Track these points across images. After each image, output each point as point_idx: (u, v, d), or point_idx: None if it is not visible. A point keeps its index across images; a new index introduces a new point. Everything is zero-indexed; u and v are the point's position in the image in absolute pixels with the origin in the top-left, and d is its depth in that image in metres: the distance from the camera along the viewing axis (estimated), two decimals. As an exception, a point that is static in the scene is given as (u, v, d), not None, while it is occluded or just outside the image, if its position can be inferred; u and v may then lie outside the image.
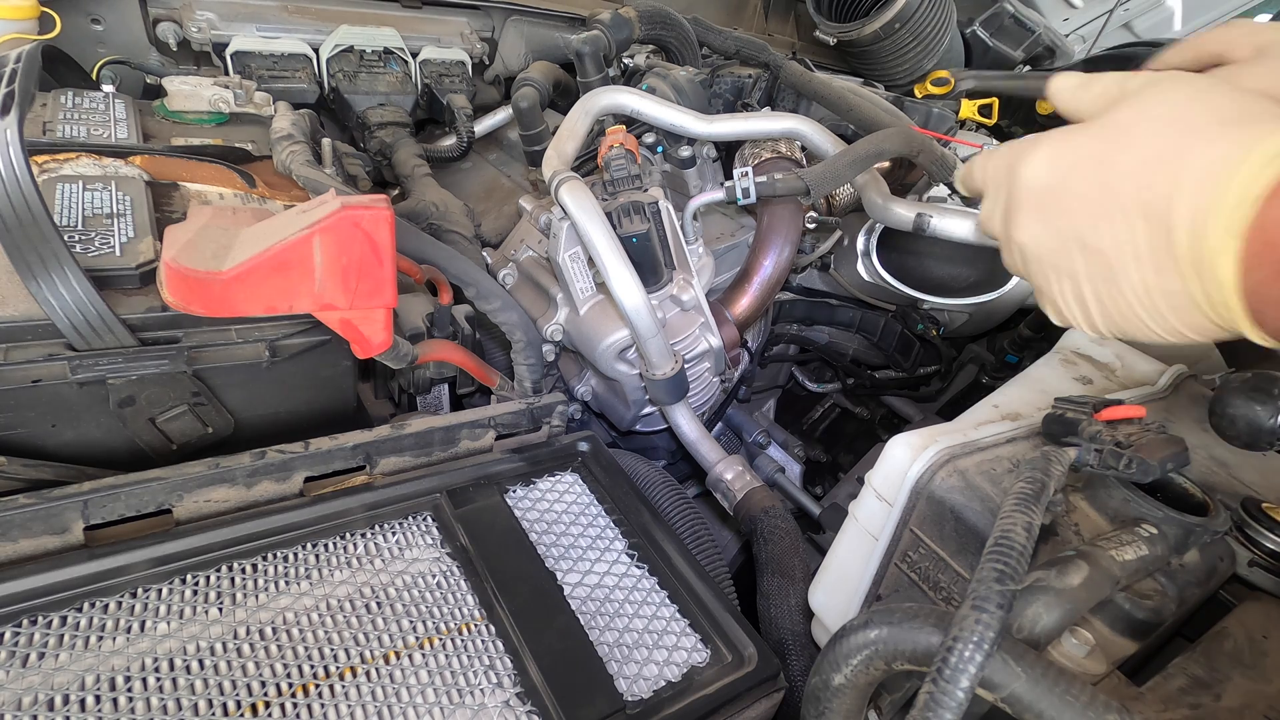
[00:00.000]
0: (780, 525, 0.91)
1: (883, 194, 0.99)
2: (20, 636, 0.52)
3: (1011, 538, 0.44)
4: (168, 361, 0.68)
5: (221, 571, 0.61)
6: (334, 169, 1.08)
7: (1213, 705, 0.49)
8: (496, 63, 1.68)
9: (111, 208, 0.76)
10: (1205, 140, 0.43)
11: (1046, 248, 0.51)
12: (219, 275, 0.62)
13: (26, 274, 0.60)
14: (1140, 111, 0.48)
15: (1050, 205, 0.50)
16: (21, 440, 0.67)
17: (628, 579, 0.70)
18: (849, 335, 1.43)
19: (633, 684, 0.59)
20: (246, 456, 0.67)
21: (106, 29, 1.33)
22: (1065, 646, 0.50)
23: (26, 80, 0.63)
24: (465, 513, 0.71)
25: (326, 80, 1.43)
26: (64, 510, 0.59)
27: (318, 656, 0.55)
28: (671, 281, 1.00)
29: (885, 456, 0.66)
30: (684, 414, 1.03)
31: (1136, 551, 0.52)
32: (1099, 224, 0.47)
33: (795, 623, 0.81)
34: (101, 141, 0.93)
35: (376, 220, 0.63)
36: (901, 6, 1.61)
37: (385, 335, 0.69)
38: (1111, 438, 0.57)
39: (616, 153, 0.96)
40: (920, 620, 0.45)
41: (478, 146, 1.53)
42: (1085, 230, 0.48)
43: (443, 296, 1.00)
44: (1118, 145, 0.47)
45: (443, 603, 0.62)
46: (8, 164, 0.57)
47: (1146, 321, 0.48)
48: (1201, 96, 0.46)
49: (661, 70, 1.23)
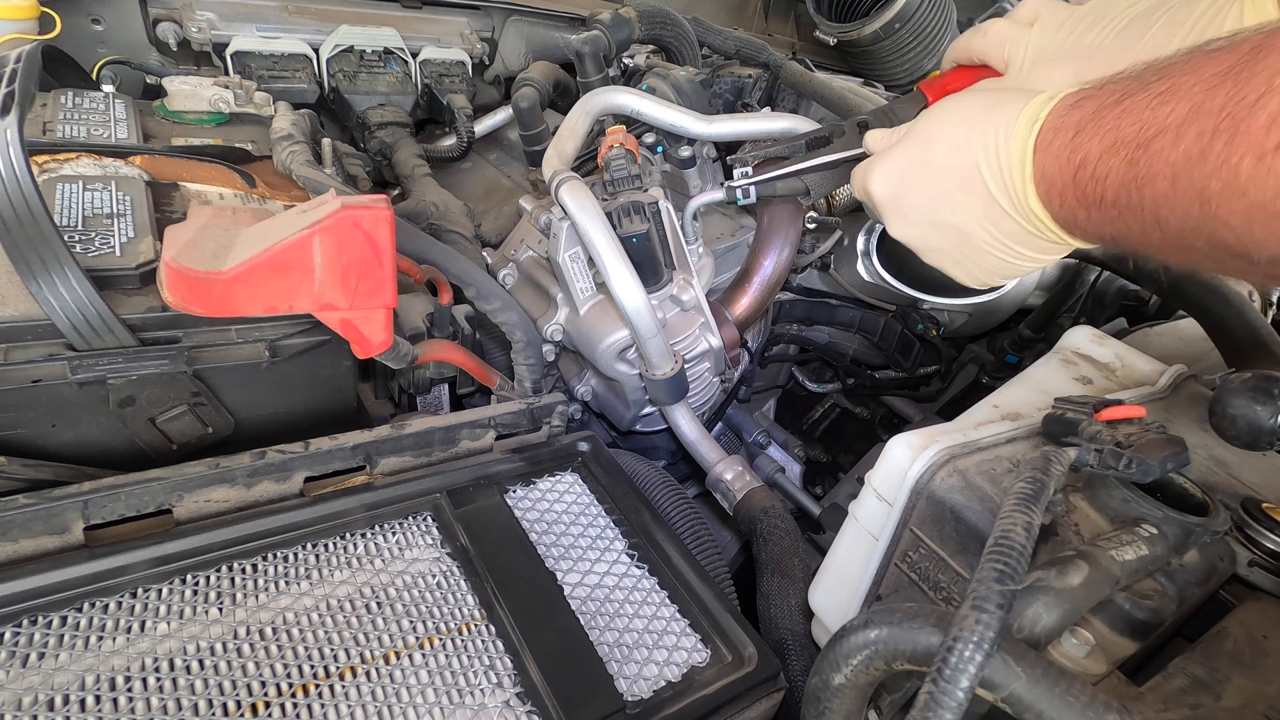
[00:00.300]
0: (780, 525, 0.91)
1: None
2: (20, 636, 0.52)
3: (1011, 538, 0.44)
4: (168, 361, 0.68)
5: (221, 571, 0.61)
6: (334, 169, 1.08)
7: (1213, 705, 0.49)
8: (496, 63, 1.68)
9: (111, 208, 0.76)
10: (983, 124, 0.57)
11: (915, 236, 0.66)
12: (219, 275, 0.62)
13: (26, 274, 0.60)
14: (930, 119, 0.63)
15: (900, 208, 0.66)
16: (21, 440, 0.67)
17: (628, 579, 0.70)
18: (849, 335, 1.43)
19: (633, 684, 0.60)
20: (246, 456, 0.67)
21: (106, 29, 1.33)
22: (1065, 646, 0.50)
23: (26, 80, 0.63)
24: (465, 513, 0.71)
25: (326, 80, 1.43)
26: (64, 510, 0.59)
27: (318, 656, 0.55)
28: (671, 281, 1.00)
29: (885, 456, 0.66)
30: (684, 414, 1.03)
31: (1136, 551, 0.52)
32: (939, 206, 0.62)
33: (795, 623, 0.81)
34: (101, 141, 0.93)
35: (376, 220, 0.63)
36: (901, 6, 1.62)
37: (385, 335, 0.69)
38: (1111, 438, 0.57)
39: (616, 153, 0.96)
40: (920, 620, 0.45)
41: (478, 146, 1.53)
42: (932, 215, 0.63)
43: (443, 296, 1.00)
44: (926, 147, 0.62)
45: (443, 603, 0.62)
46: (8, 164, 0.57)
47: (1005, 259, 0.62)
48: (969, 98, 0.61)
49: (661, 70, 1.23)
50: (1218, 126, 0.42)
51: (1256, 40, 0.42)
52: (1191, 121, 0.43)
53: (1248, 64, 0.41)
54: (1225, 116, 0.41)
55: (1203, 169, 0.43)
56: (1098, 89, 0.51)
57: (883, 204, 0.68)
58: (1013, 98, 0.57)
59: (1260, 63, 0.41)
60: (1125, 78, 0.50)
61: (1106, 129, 0.49)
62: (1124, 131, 0.47)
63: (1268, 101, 0.39)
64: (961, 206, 0.60)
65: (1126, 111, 0.47)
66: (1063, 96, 0.53)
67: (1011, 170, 0.55)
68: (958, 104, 0.61)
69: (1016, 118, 0.55)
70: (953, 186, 0.60)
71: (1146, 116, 0.46)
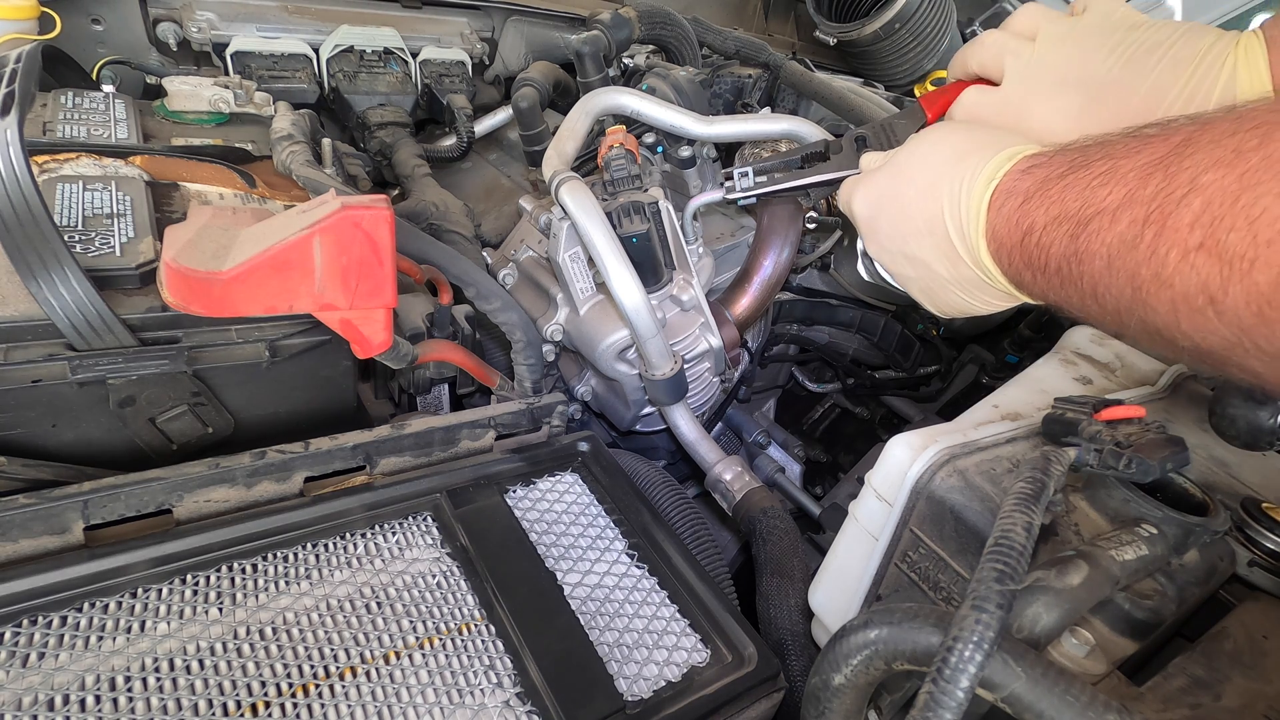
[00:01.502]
0: (779, 525, 0.91)
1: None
2: (20, 636, 0.52)
3: (1011, 538, 0.44)
4: (168, 361, 0.68)
5: (221, 571, 0.61)
6: (334, 169, 1.08)
7: (1212, 705, 0.49)
8: (496, 63, 1.68)
9: (111, 208, 0.76)
10: (949, 174, 0.60)
11: (888, 260, 0.70)
12: (219, 275, 0.62)
13: (26, 274, 0.60)
14: (909, 154, 0.66)
15: (876, 232, 0.69)
16: (21, 440, 0.67)
17: (628, 579, 0.70)
18: (849, 335, 1.43)
19: (633, 684, 0.60)
20: (246, 456, 0.67)
21: (106, 29, 1.33)
22: (1065, 646, 0.50)
23: (26, 80, 0.63)
24: (465, 513, 0.71)
25: (326, 80, 1.43)
26: (64, 510, 0.59)
27: (318, 656, 0.55)
28: (671, 281, 1.00)
29: (885, 456, 0.66)
30: (683, 414, 1.03)
31: (1136, 551, 0.52)
32: (909, 240, 0.65)
33: (795, 623, 0.81)
34: (101, 141, 0.93)
35: (376, 220, 0.63)
36: (901, 6, 1.61)
37: (385, 335, 0.69)
38: (1111, 438, 0.57)
39: (616, 153, 0.96)
40: (920, 620, 0.45)
41: (478, 146, 1.53)
42: (902, 246, 0.66)
43: (443, 296, 1.00)
44: (902, 183, 0.66)
45: (443, 603, 0.62)
46: (8, 164, 0.57)
47: (965, 299, 0.65)
48: (946, 138, 0.64)
49: (661, 70, 1.23)
50: (1148, 216, 0.44)
51: (1186, 133, 0.44)
52: (1126, 208, 0.45)
53: (1176, 157, 0.43)
54: (1155, 208, 0.43)
55: (1134, 255, 0.44)
56: (1049, 157, 0.54)
57: (862, 224, 0.72)
58: (981, 146, 0.60)
59: (1188, 157, 0.42)
60: (1074, 150, 0.52)
61: (1052, 200, 0.51)
62: (1067, 205, 0.50)
63: (1191, 200, 0.41)
64: (927, 246, 0.63)
65: (1070, 186, 0.50)
66: (1020, 158, 0.56)
67: (968, 224, 0.58)
68: (934, 144, 0.65)
69: (978, 172, 0.58)
70: (921, 226, 0.63)
71: (1087, 195, 0.48)
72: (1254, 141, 0.39)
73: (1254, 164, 0.38)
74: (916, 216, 0.64)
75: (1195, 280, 0.41)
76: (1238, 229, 0.38)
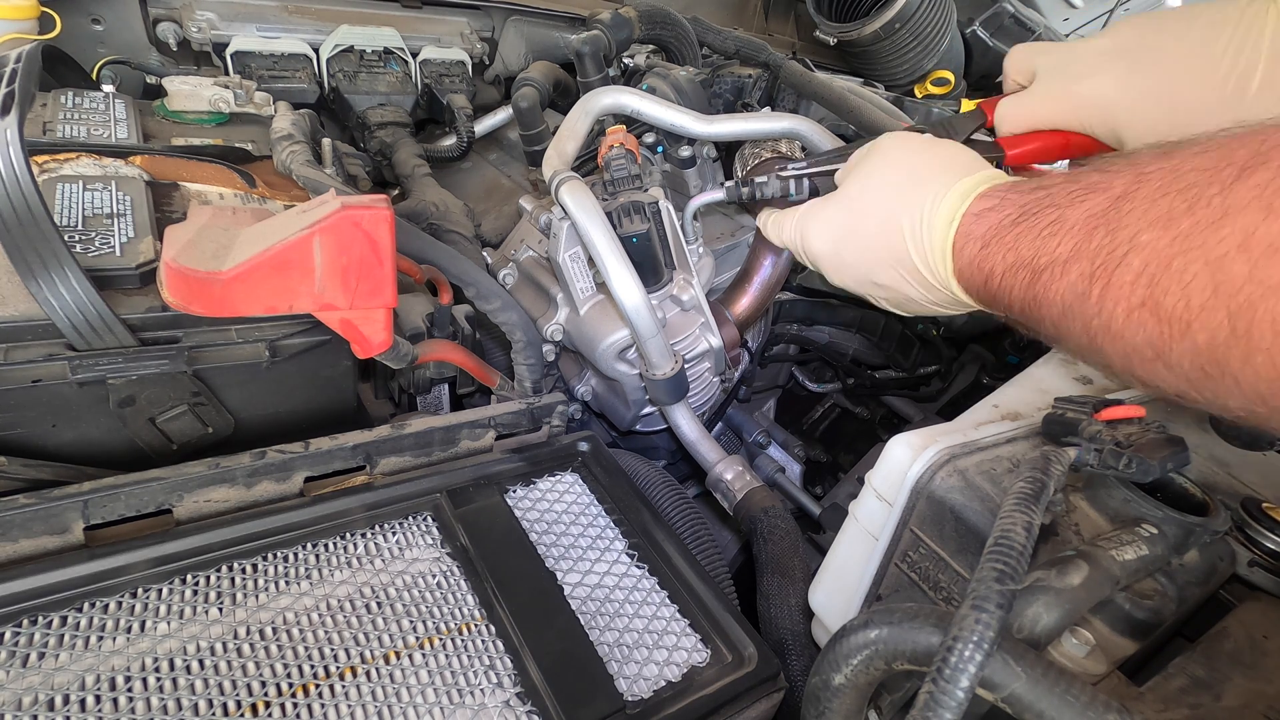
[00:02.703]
0: (780, 525, 0.91)
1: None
2: (20, 636, 0.52)
3: (1011, 537, 0.44)
4: (168, 361, 0.68)
5: (221, 571, 0.61)
6: (334, 169, 1.08)
7: (1212, 705, 0.49)
8: (496, 63, 1.68)
9: (111, 208, 0.76)
10: (905, 207, 0.61)
11: (855, 287, 0.71)
12: (219, 275, 0.62)
13: (26, 274, 0.60)
14: (859, 187, 0.67)
15: (840, 266, 0.70)
16: (21, 440, 0.67)
17: (628, 579, 0.70)
18: (849, 335, 1.43)
19: (633, 684, 0.60)
20: (246, 456, 0.67)
21: (106, 29, 1.33)
22: (1065, 646, 0.50)
23: (26, 80, 0.63)
24: (465, 513, 0.71)
25: (326, 80, 1.43)
26: (64, 510, 0.59)
27: (318, 656, 0.55)
28: (671, 281, 1.00)
29: (885, 456, 0.66)
30: (684, 414, 1.03)
31: (1136, 551, 0.52)
32: (876, 271, 0.66)
33: (795, 623, 0.81)
34: (101, 141, 0.93)
35: (376, 220, 0.63)
36: (901, 6, 1.61)
37: (385, 335, 0.69)
38: (1111, 437, 0.57)
39: (617, 153, 0.96)
40: (920, 620, 0.45)
41: (478, 146, 1.53)
42: (870, 275, 0.67)
43: (443, 296, 1.00)
44: (857, 216, 0.67)
45: (443, 603, 0.62)
46: (8, 164, 0.57)
47: (937, 312, 0.67)
48: (889, 167, 0.65)
49: (662, 70, 1.23)
50: (1094, 271, 0.45)
51: (1123, 187, 0.45)
52: (1074, 261, 0.47)
53: (1116, 213, 0.45)
54: (1100, 264, 0.45)
55: (1085, 307, 0.46)
56: (1001, 197, 0.55)
57: (824, 260, 0.72)
58: (929, 175, 0.61)
59: (1127, 214, 0.44)
60: (1021, 193, 0.53)
61: (1008, 247, 0.52)
62: (1021, 254, 0.51)
63: (1131, 259, 0.43)
64: (896, 276, 0.64)
65: (1023, 235, 0.51)
66: (974, 198, 0.57)
67: (935, 262, 0.59)
68: (881, 174, 0.66)
69: (936, 209, 0.58)
70: (886, 258, 0.64)
71: (1039, 245, 0.49)
72: (1183, 206, 0.41)
73: (1185, 228, 0.40)
74: (879, 249, 0.64)
75: (1142, 336, 0.42)
76: (1172, 292, 0.40)
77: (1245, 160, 0.40)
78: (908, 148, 0.67)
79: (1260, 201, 0.38)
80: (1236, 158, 0.40)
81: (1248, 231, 0.38)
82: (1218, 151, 0.41)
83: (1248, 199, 0.38)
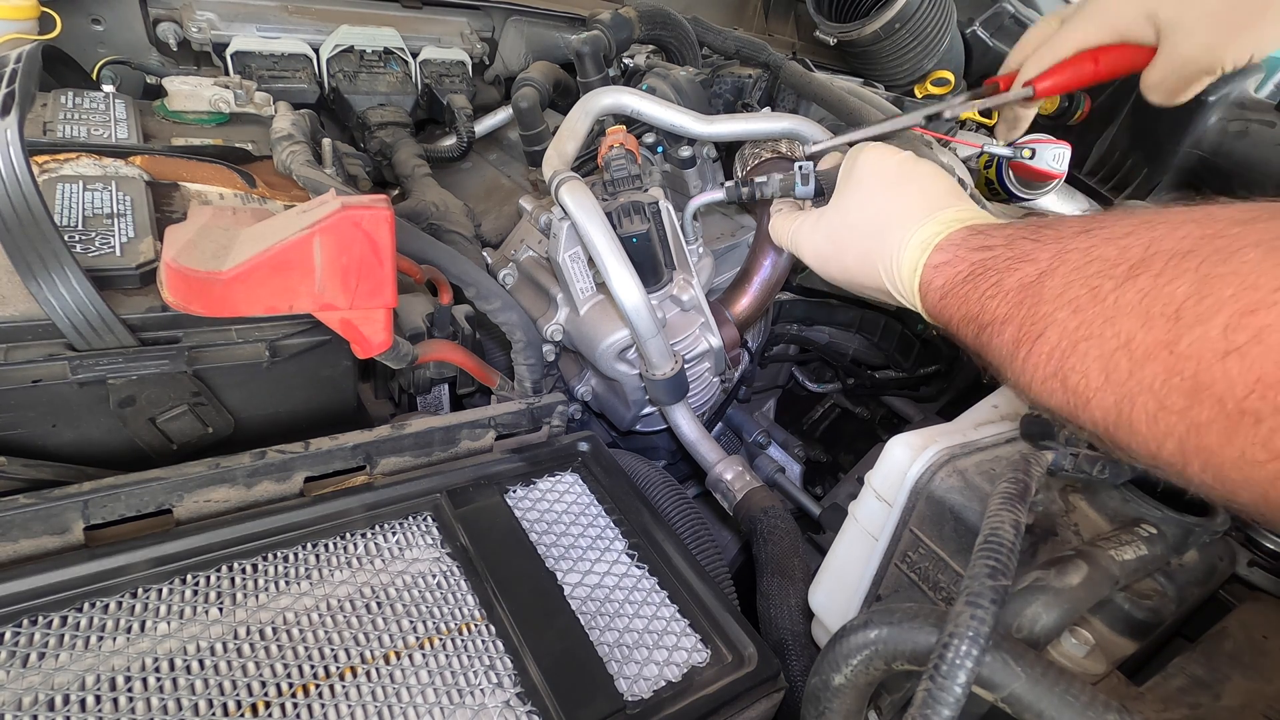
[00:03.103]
0: (780, 525, 0.91)
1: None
2: (20, 636, 0.52)
3: (1001, 535, 0.44)
4: (168, 361, 0.68)
5: (221, 571, 0.61)
6: (334, 169, 1.08)
7: (1212, 705, 0.49)
8: (496, 63, 1.68)
9: (112, 208, 0.76)
10: (879, 250, 0.66)
11: (844, 287, 0.75)
12: (219, 275, 0.62)
13: (27, 274, 0.60)
14: (841, 218, 0.72)
15: (828, 274, 0.75)
16: (21, 440, 0.67)
17: (628, 579, 0.70)
18: (849, 335, 1.43)
19: (633, 684, 0.60)
20: (246, 456, 0.67)
21: (107, 29, 1.33)
22: (1065, 646, 0.50)
23: (27, 80, 0.63)
24: (465, 513, 0.71)
25: (326, 80, 1.43)
26: (64, 510, 0.59)
27: (318, 656, 0.55)
28: (671, 281, 1.00)
29: (885, 457, 0.66)
30: (684, 414, 1.03)
31: (1136, 551, 0.52)
32: (864, 289, 0.71)
33: (795, 623, 0.81)
34: (102, 141, 0.93)
35: (377, 220, 0.63)
36: (901, 6, 1.61)
37: (385, 335, 0.69)
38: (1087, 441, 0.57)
39: (617, 153, 0.96)
40: (919, 620, 0.45)
41: (478, 146, 1.53)
42: (858, 288, 0.73)
43: (443, 296, 1.00)
44: (839, 247, 0.72)
45: (443, 603, 0.62)
46: (8, 164, 0.57)
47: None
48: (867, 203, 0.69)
49: (662, 70, 1.23)
50: (1020, 337, 0.50)
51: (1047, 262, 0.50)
52: (1006, 324, 0.52)
53: (1039, 287, 0.50)
54: (1025, 332, 0.50)
55: (1014, 366, 0.51)
56: (953, 254, 0.60)
57: (813, 265, 0.77)
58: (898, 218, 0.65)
59: (1046, 290, 0.49)
60: (971, 249, 0.58)
61: (960, 300, 0.57)
62: (969, 309, 0.56)
63: (1049, 334, 0.48)
64: (880, 294, 0.70)
65: (970, 294, 0.56)
66: (933, 250, 0.61)
67: (909, 298, 0.65)
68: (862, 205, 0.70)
69: (901, 254, 0.63)
70: (867, 283, 0.69)
71: (980, 305, 0.55)
72: (1087, 294, 0.46)
73: (1088, 317, 0.45)
74: (860, 275, 0.70)
75: (1055, 401, 0.48)
76: (1076, 371, 0.45)
77: (1137, 258, 0.44)
78: (882, 177, 0.70)
79: (1139, 309, 0.43)
80: (1131, 254, 0.45)
81: (1129, 335, 0.43)
82: (1121, 242, 0.46)
83: (1132, 304, 0.43)
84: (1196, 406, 0.40)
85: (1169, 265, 0.42)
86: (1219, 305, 0.39)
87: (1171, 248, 0.43)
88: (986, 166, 1.33)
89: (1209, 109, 1.53)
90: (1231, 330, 0.38)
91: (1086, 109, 1.65)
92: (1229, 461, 0.39)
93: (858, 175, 0.72)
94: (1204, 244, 0.42)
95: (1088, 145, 1.73)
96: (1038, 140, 1.21)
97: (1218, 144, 1.54)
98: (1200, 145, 1.56)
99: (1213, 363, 0.39)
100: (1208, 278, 0.40)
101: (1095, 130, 1.71)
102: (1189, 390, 0.40)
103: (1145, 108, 1.04)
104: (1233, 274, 0.39)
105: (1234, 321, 0.38)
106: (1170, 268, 0.42)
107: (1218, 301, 0.39)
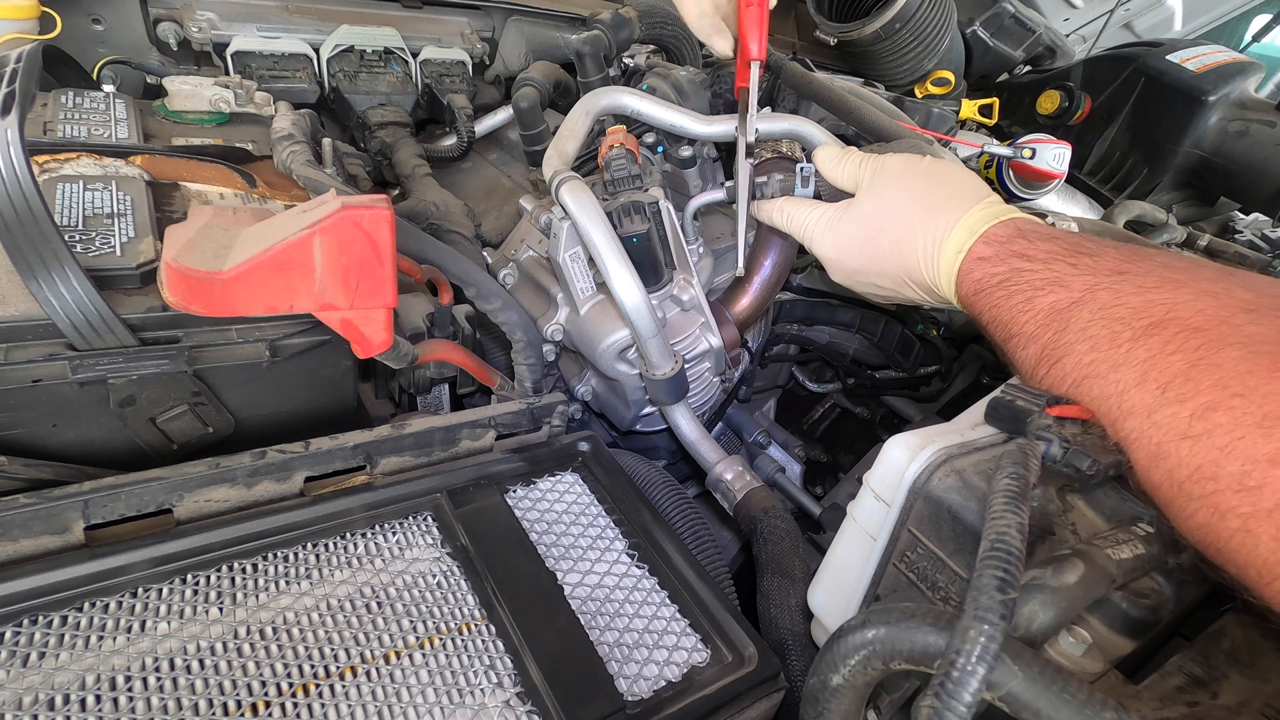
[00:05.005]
0: (780, 525, 0.91)
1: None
2: (20, 636, 0.52)
3: (1008, 541, 0.44)
4: (168, 361, 0.68)
5: (221, 571, 0.61)
6: (334, 169, 1.08)
7: (1210, 703, 0.49)
8: (497, 63, 1.68)
9: (112, 208, 0.76)
10: (921, 229, 0.68)
11: (854, 286, 0.80)
12: (219, 275, 0.62)
13: (27, 274, 0.60)
14: (878, 203, 0.74)
15: (841, 266, 0.79)
16: (21, 440, 0.67)
17: (628, 579, 0.70)
18: (849, 335, 1.43)
19: (633, 684, 0.60)
20: (246, 456, 0.67)
21: (107, 29, 1.34)
22: (1062, 645, 0.50)
23: (27, 80, 0.63)
24: (465, 513, 0.71)
25: (327, 80, 1.43)
26: (64, 510, 0.59)
27: (318, 656, 0.55)
28: (671, 281, 1.01)
29: (883, 457, 0.66)
30: (684, 414, 1.03)
31: (1133, 550, 0.52)
32: (882, 280, 0.75)
33: (795, 623, 0.81)
34: (102, 141, 0.93)
35: (377, 220, 0.63)
36: (902, 6, 1.61)
37: (385, 335, 0.69)
38: (1060, 434, 0.56)
39: (617, 153, 0.96)
40: (918, 620, 0.45)
41: (478, 146, 1.53)
42: (875, 280, 0.76)
43: (443, 296, 1.01)
44: (873, 230, 0.73)
45: (443, 603, 0.62)
46: (8, 164, 0.57)
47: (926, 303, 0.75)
48: (913, 186, 0.72)
49: (662, 70, 1.23)
50: (1042, 355, 0.56)
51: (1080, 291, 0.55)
52: (1031, 341, 0.58)
53: (1068, 315, 0.55)
54: (1047, 353, 0.56)
55: (1035, 379, 0.58)
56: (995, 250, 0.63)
57: (830, 261, 0.80)
58: (945, 200, 0.68)
59: (1072, 321, 0.55)
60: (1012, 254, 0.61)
61: (991, 304, 0.62)
62: (1001, 314, 0.61)
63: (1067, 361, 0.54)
64: (902, 283, 0.73)
65: (1001, 301, 0.61)
66: (978, 240, 0.64)
67: (941, 283, 0.68)
68: (905, 193, 0.72)
69: (947, 237, 0.66)
70: (896, 270, 0.72)
71: (1011, 315, 0.60)
72: (1106, 337, 0.51)
73: (1102, 355, 0.51)
74: (891, 262, 0.72)
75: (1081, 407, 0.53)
76: (1093, 399, 0.52)
77: (1157, 318, 0.49)
78: (918, 169, 0.73)
79: (1140, 368, 0.48)
80: (1153, 312, 0.49)
81: (1125, 387, 0.49)
82: (1149, 295, 0.51)
83: (1139, 359, 0.48)
84: (1153, 469, 0.47)
85: (1177, 337, 0.47)
86: (1196, 392, 0.44)
87: (1187, 319, 0.48)
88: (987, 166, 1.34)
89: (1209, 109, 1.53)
90: (1195, 418, 0.44)
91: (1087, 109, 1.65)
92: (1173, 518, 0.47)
93: (891, 169, 0.75)
94: (1213, 325, 0.46)
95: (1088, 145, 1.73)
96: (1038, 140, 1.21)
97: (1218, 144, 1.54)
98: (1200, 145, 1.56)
99: (1174, 441, 0.45)
100: (1199, 363, 0.45)
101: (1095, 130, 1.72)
102: (1151, 455, 0.47)
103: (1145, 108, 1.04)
104: (1216, 366, 0.44)
105: (1199, 412, 0.44)
106: (1177, 340, 0.47)
107: (1196, 388, 0.44)
